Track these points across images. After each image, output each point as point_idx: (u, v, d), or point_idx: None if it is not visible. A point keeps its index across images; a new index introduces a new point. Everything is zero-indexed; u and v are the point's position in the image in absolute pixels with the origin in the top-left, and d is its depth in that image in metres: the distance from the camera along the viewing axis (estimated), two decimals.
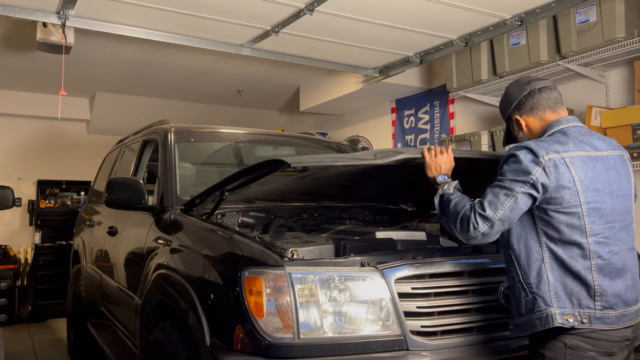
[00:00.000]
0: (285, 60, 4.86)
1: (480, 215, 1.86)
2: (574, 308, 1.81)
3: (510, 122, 2.15)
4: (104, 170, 4.86)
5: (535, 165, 1.83)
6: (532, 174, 1.82)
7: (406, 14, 3.84)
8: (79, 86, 6.71)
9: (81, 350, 4.63)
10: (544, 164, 1.83)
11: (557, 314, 1.80)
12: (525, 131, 2.10)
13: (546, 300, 1.83)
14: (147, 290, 2.64)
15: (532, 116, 2.07)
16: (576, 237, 1.83)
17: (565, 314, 1.80)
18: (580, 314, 1.80)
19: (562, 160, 1.85)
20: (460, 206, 1.94)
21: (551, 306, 1.81)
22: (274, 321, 1.85)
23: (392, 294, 1.93)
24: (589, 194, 1.85)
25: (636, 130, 3.58)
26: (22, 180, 7.31)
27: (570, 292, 1.82)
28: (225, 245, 2.19)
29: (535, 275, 1.85)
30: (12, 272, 6.35)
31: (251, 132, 3.79)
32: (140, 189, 2.90)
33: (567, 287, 1.83)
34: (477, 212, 1.87)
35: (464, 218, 1.90)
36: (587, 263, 1.83)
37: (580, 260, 1.83)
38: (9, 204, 3.63)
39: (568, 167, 1.85)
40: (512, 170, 1.87)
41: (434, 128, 5.81)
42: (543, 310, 1.82)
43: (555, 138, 1.94)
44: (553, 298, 1.82)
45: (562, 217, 1.84)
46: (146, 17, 3.92)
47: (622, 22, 3.61)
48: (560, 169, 1.84)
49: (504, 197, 1.84)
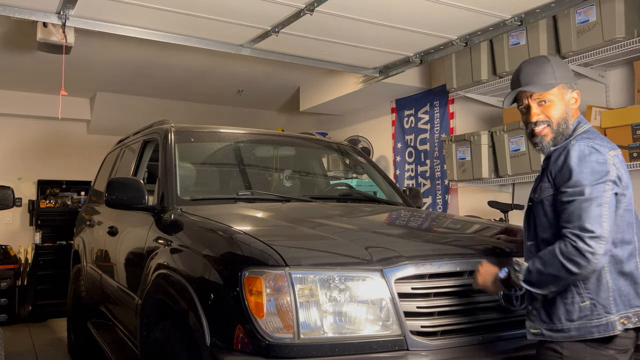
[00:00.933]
0: (285, 60, 4.87)
1: (588, 238, 1.69)
2: (627, 309, 1.77)
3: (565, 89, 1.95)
4: (104, 170, 4.86)
5: (605, 164, 1.77)
6: (610, 172, 1.76)
7: (406, 14, 3.85)
8: (79, 86, 6.71)
9: (81, 350, 4.63)
10: (612, 161, 1.79)
11: (617, 321, 1.75)
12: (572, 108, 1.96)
13: (606, 307, 1.76)
14: (147, 290, 2.64)
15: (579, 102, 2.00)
16: (630, 236, 1.81)
17: (622, 317, 1.76)
18: (634, 314, 1.77)
19: (618, 156, 1.83)
20: (551, 257, 1.75)
21: (612, 313, 1.75)
22: (274, 321, 1.85)
23: (392, 294, 1.93)
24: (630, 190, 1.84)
25: (636, 130, 3.58)
26: (22, 180, 7.31)
27: (622, 293, 1.78)
28: (226, 245, 2.19)
29: (595, 281, 1.77)
30: (12, 272, 6.35)
31: (251, 132, 3.79)
32: (140, 189, 2.90)
33: (622, 289, 1.78)
34: (580, 238, 1.69)
35: (569, 257, 1.71)
36: (635, 262, 1.81)
37: (632, 260, 1.81)
38: (9, 204, 3.63)
39: (623, 163, 1.83)
40: (586, 173, 1.75)
41: (434, 128, 5.81)
42: (603, 318, 1.75)
43: (596, 135, 1.89)
44: (612, 304, 1.76)
45: (625, 215, 1.80)
46: (146, 17, 3.92)
47: (622, 22, 3.61)
48: (619, 164, 1.81)
49: (597, 209, 1.71)
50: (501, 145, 4.49)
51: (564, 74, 1.97)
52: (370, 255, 2.00)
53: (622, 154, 1.92)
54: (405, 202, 3.61)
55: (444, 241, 2.46)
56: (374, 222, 2.91)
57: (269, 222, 2.67)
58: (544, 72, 1.96)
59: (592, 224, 1.70)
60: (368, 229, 2.60)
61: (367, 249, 2.05)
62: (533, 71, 1.98)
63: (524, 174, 4.32)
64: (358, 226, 2.64)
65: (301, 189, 3.83)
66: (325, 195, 3.73)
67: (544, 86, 1.94)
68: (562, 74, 1.96)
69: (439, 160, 5.71)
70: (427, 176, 5.90)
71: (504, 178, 4.55)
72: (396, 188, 3.79)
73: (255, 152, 3.86)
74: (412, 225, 2.91)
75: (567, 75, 1.98)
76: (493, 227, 2.85)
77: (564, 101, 1.95)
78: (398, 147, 6.30)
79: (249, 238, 2.11)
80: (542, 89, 1.94)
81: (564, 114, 1.94)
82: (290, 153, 4.12)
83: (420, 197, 3.84)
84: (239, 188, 3.39)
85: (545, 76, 1.95)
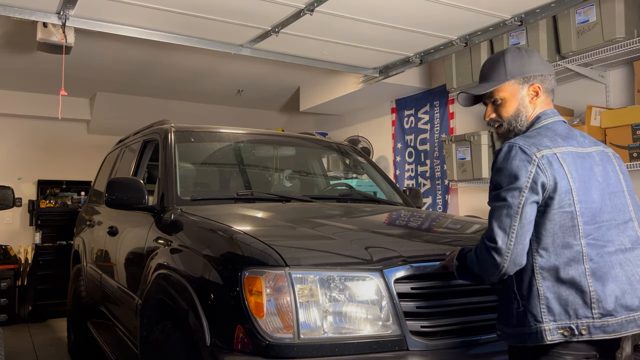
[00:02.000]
0: (285, 60, 4.87)
1: (492, 250, 1.69)
2: (571, 319, 1.66)
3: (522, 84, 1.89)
4: (104, 170, 4.86)
5: (528, 165, 1.70)
6: (527, 176, 1.68)
7: (406, 14, 3.85)
8: (79, 86, 6.72)
9: (81, 350, 4.63)
10: (537, 162, 1.70)
11: (549, 330, 1.67)
12: (530, 103, 1.89)
13: (536, 315, 1.69)
14: (147, 290, 2.64)
15: (545, 96, 1.90)
16: (569, 239, 1.69)
17: (561, 328, 1.67)
18: (578, 325, 1.66)
19: (554, 155, 1.73)
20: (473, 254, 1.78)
21: (542, 322, 1.68)
22: (274, 321, 1.85)
23: (392, 294, 1.93)
24: (580, 191, 1.72)
25: (636, 130, 3.58)
26: (22, 180, 7.31)
27: (566, 302, 1.67)
28: (226, 245, 2.19)
29: (527, 287, 1.72)
30: (12, 272, 6.35)
31: (251, 132, 3.79)
32: (140, 189, 2.90)
33: (562, 297, 1.68)
34: (489, 248, 1.69)
35: (482, 261, 1.73)
36: (581, 268, 1.68)
37: (574, 266, 1.68)
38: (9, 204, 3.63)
39: (560, 163, 1.73)
40: (505, 175, 1.72)
41: (434, 128, 5.81)
42: (533, 326, 1.69)
43: (542, 132, 1.81)
44: (544, 313, 1.68)
45: (556, 217, 1.70)
46: (146, 17, 3.92)
47: (622, 22, 3.61)
48: (554, 165, 1.71)
49: (507, 219, 1.68)
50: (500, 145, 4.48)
51: (518, 68, 1.88)
52: (370, 255, 2.00)
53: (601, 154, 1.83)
54: (405, 202, 3.61)
55: (444, 241, 2.46)
56: (374, 222, 2.91)
57: (269, 222, 2.67)
58: (496, 68, 1.91)
59: (497, 235, 1.68)
60: (368, 229, 2.60)
61: (367, 249, 2.05)
62: (487, 68, 1.94)
63: None
64: (358, 226, 2.64)
65: (301, 189, 3.84)
66: (325, 195, 3.73)
67: (490, 84, 1.90)
68: (515, 69, 1.88)
69: (439, 160, 5.72)
70: (427, 176, 5.90)
71: None
72: (396, 188, 3.79)
73: (255, 152, 3.86)
74: (412, 225, 2.91)
75: (523, 69, 1.88)
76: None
77: (517, 98, 1.89)
78: (398, 147, 6.30)
79: (249, 238, 2.11)
80: (487, 88, 1.90)
81: (516, 111, 1.89)
82: (290, 153, 4.12)
83: (420, 197, 3.84)
84: (239, 188, 3.39)
85: (495, 74, 1.90)
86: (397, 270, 1.96)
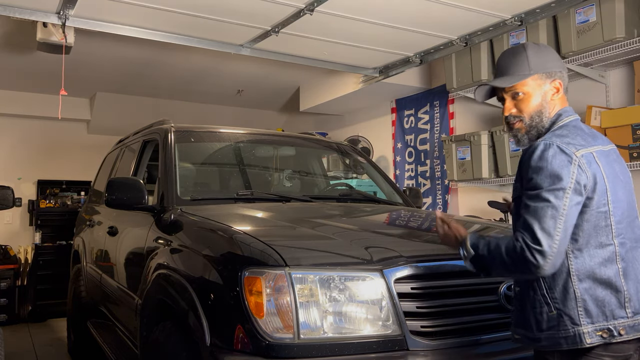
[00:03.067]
0: (285, 60, 4.87)
1: (536, 252, 1.60)
2: (609, 321, 1.64)
3: (540, 79, 1.84)
4: (104, 170, 4.86)
5: (569, 165, 1.63)
6: (571, 178, 1.63)
7: (406, 14, 3.85)
8: (79, 86, 6.71)
9: (81, 350, 4.63)
10: (578, 162, 1.65)
11: (587, 333, 1.63)
12: (551, 99, 1.84)
13: (573, 318, 1.64)
14: (147, 290, 2.64)
15: (563, 94, 1.86)
16: (602, 239, 1.67)
17: (599, 330, 1.63)
18: (616, 326, 1.63)
19: (591, 155, 1.69)
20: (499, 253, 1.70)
21: (579, 325, 1.63)
22: (274, 321, 1.85)
23: (392, 294, 1.92)
24: (612, 190, 1.70)
25: (636, 130, 3.58)
26: (22, 180, 7.31)
27: (602, 303, 1.64)
28: (226, 245, 2.19)
29: (561, 289, 1.67)
30: (12, 272, 6.35)
31: (251, 132, 3.79)
32: (140, 189, 2.90)
33: (598, 298, 1.65)
34: (529, 249, 1.62)
35: (518, 261, 1.65)
36: (615, 267, 1.67)
37: (609, 266, 1.66)
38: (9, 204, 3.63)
39: (597, 162, 1.69)
40: (546, 175, 1.65)
41: (434, 128, 5.81)
42: (570, 330, 1.64)
43: (572, 131, 1.76)
44: (582, 315, 1.64)
45: (592, 218, 1.67)
46: (146, 17, 3.92)
47: (622, 22, 3.61)
48: (592, 164, 1.67)
49: (551, 221, 1.61)
50: (501, 145, 4.49)
51: (541, 63, 1.84)
52: (370, 255, 2.00)
53: (615, 152, 1.82)
54: (405, 202, 3.61)
55: None
56: (374, 222, 2.91)
57: (269, 222, 2.67)
58: (518, 62, 1.85)
59: (542, 237, 1.60)
60: (368, 229, 2.60)
61: (367, 249, 2.05)
62: (508, 62, 1.88)
63: None
64: (358, 226, 2.64)
65: (301, 189, 3.83)
66: (325, 195, 3.73)
67: (514, 77, 1.84)
68: (538, 63, 1.83)
69: (439, 160, 5.72)
70: (427, 176, 5.90)
71: (504, 178, 4.55)
72: (396, 188, 3.79)
73: (255, 152, 3.86)
74: (412, 225, 2.91)
75: (546, 65, 1.84)
76: (493, 227, 2.85)
77: (541, 93, 1.84)
78: (398, 147, 6.30)
79: (249, 238, 2.11)
80: (511, 81, 1.84)
81: (539, 107, 1.83)
82: (290, 153, 4.12)
83: (420, 197, 3.84)
84: (239, 188, 3.39)
85: (518, 67, 1.84)
86: (397, 270, 1.96)
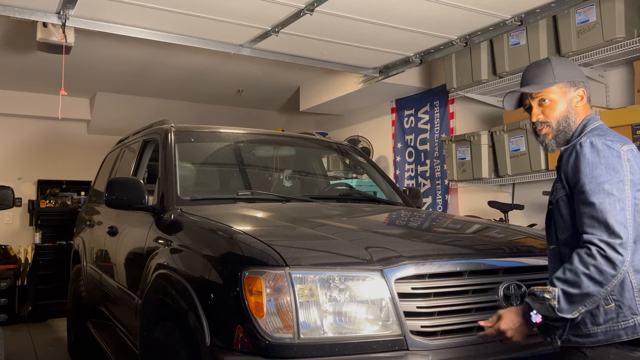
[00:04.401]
0: (285, 60, 4.87)
1: (618, 246, 1.62)
2: None
3: (567, 89, 1.92)
4: (104, 170, 4.86)
5: (619, 159, 1.71)
6: (625, 169, 1.70)
7: (406, 14, 3.85)
8: (79, 86, 6.72)
9: (81, 350, 4.63)
10: (626, 156, 1.73)
11: None
12: (576, 106, 1.92)
13: (632, 308, 1.69)
14: (147, 290, 2.64)
15: (587, 102, 1.96)
16: None
17: None
18: None
19: (632, 150, 1.77)
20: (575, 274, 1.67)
21: (638, 314, 1.68)
22: (274, 321, 1.85)
23: (392, 294, 1.92)
24: None
25: (636, 130, 3.58)
26: (22, 180, 7.31)
27: None
28: (226, 245, 2.19)
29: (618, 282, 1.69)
30: (12, 272, 6.35)
31: (251, 132, 3.79)
32: (140, 189, 2.90)
33: None
34: (609, 245, 1.63)
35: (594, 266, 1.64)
36: None
37: None
38: (9, 204, 3.63)
39: (637, 157, 1.77)
40: (603, 170, 1.70)
41: (434, 128, 5.81)
42: (630, 320, 1.69)
43: (606, 131, 1.84)
44: (639, 304, 1.69)
45: None
46: (146, 17, 3.92)
47: (622, 22, 3.61)
48: (637, 158, 1.76)
49: (622, 213, 1.65)
50: (501, 145, 4.49)
51: (566, 72, 1.94)
52: (370, 255, 2.00)
53: None
54: (405, 202, 3.61)
55: (443, 241, 2.46)
56: (374, 222, 2.91)
57: (269, 222, 2.67)
58: (543, 72, 1.96)
59: (620, 230, 1.63)
60: (368, 229, 2.60)
61: (367, 249, 2.05)
62: (533, 73, 1.99)
63: (524, 174, 4.32)
64: (358, 226, 2.64)
65: (301, 189, 3.83)
66: (325, 195, 3.73)
67: (541, 85, 1.94)
68: (562, 72, 1.94)
69: (439, 160, 5.72)
70: (427, 176, 5.90)
71: (504, 178, 4.55)
72: (396, 188, 3.79)
73: (255, 152, 3.86)
74: (412, 225, 2.91)
75: (570, 74, 1.95)
76: (493, 227, 2.85)
77: (566, 100, 1.92)
78: (398, 147, 6.30)
79: (249, 238, 2.12)
80: (538, 87, 1.94)
81: (565, 113, 1.92)
82: (290, 153, 4.12)
83: (420, 197, 3.84)
84: (239, 188, 3.39)
85: (543, 76, 1.95)
86: (397, 270, 1.96)
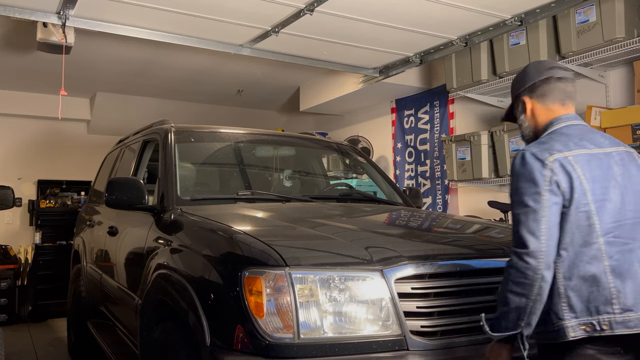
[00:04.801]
0: (285, 60, 4.87)
1: (525, 255, 1.71)
2: (593, 316, 1.71)
3: (518, 101, 2.04)
4: (104, 170, 4.86)
5: (542, 169, 1.76)
6: (544, 180, 1.75)
7: (406, 14, 3.85)
8: (79, 86, 6.72)
9: (81, 350, 4.63)
10: (551, 166, 1.76)
11: (570, 327, 1.72)
12: (528, 115, 2.01)
13: (558, 313, 1.75)
14: (147, 290, 2.64)
15: (540, 103, 1.98)
16: (587, 238, 1.74)
17: (582, 324, 1.72)
18: (600, 321, 1.71)
19: (566, 159, 1.79)
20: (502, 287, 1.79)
21: (563, 320, 1.73)
22: (274, 321, 1.85)
23: (392, 294, 1.93)
24: (597, 191, 1.77)
25: (636, 130, 3.58)
26: (22, 180, 7.31)
27: (587, 299, 1.72)
28: (226, 245, 2.19)
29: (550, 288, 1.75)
30: (12, 272, 6.35)
31: (251, 132, 3.79)
32: (140, 189, 2.90)
33: (583, 294, 1.73)
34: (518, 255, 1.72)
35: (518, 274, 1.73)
36: (602, 265, 1.73)
37: (595, 263, 1.73)
38: (9, 204, 3.63)
39: (573, 165, 1.78)
40: (523, 182, 1.78)
41: (434, 128, 5.81)
42: (555, 324, 1.75)
43: (555, 137, 1.87)
44: (565, 310, 1.73)
45: (572, 218, 1.75)
46: (146, 17, 3.92)
47: (622, 22, 3.61)
48: (567, 167, 1.77)
49: (534, 224, 1.72)
50: (501, 145, 4.49)
51: (521, 81, 2.03)
52: (370, 255, 2.00)
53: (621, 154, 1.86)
54: (405, 202, 3.61)
55: (443, 241, 2.46)
56: (374, 222, 2.91)
57: (269, 222, 2.67)
58: (514, 84, 2.07)
59: (528, 240, 1.71)
60: (368, 229, 2.60)
61: (367, 249, 2.05)
62: None
63: None
64: (358, 226, 2.64)
65: (301, 189, 3.84)
66: (325, 195, 3.73)
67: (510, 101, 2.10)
68: (520, 82, 2.03)
69: (439, 160, 5.72)
70: (427, 176, 5.90)
71: (504, 178, 4.55)
72: (396, 188, 3.79)
73: (255, 152, 3.86)
74: (412, 225, 2.91)
75: (523, 81, 2.02)
76: (493, 227, 2.85)
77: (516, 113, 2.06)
78: (398, 147, 6.30)
79: (249, 238, 2.12)
80: (508, 104, 2.11)
81: (527, 121, 2.02)
82: (290, 153, 4.12)
83: (420, 197, 3.84)
84: (239, 188, 3.39)
85: (512, 90, 2.07)
86: (397, 270, 1.96)
